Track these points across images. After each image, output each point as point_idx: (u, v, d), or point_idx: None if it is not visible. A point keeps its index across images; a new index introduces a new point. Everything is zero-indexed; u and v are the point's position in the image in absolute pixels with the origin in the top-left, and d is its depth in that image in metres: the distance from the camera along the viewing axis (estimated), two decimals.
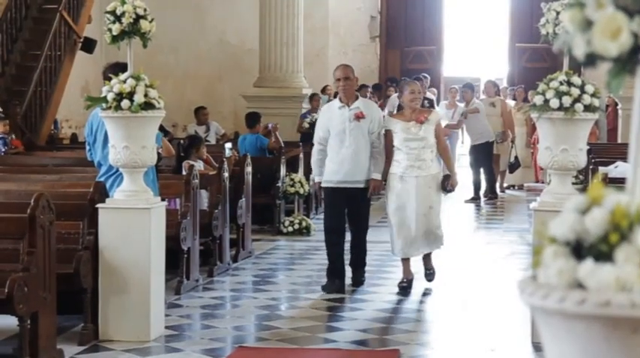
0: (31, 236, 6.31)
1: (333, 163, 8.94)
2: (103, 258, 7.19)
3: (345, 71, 9.10)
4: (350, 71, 9.12)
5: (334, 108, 9.10)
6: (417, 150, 8.76)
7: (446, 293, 9.17)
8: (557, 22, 7.21)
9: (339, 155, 8.89)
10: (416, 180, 8.73)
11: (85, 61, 16.77)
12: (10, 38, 15.60)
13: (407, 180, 8.74)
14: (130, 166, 7.16)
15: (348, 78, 9.03)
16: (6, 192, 7.90)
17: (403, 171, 8.76)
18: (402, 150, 8.80)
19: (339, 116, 8.95)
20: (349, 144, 8.86)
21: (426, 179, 8.75)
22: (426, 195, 8.73)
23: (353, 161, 8.85)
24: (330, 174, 8.95)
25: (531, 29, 17.03)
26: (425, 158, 8.78)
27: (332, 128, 8.96)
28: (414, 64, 21.75)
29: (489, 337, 7.43)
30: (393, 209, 8.81)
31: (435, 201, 8.83)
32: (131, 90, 6.95)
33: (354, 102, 8.99)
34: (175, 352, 6.92)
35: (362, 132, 8.89)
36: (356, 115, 8.88)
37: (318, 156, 9.10)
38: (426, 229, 8.75)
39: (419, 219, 8.70)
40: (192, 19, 19.89)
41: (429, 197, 8.76)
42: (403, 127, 8.82)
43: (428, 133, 8.81)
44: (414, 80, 9.41)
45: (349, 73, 9.08)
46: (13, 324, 6.30)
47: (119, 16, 7.01)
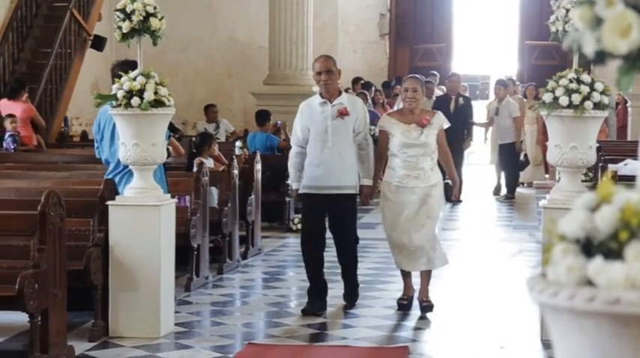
0: (42, 233, 6.33)
1: (314, 167, 7.89)
2: (113, 255, 7.21)
3: (326, 63, 8.00)
4: (332, 63, 8.03)
5: (314, 104, 8.01)
6: (415, 158, 7.78)
7: (455, 290, 9.17)
8: (566, 19, 7.20)
9: (321, 157, 7.84)
10: (413, 192, 7.77)
11: (95, 58, 16.81)
12: (21, 36, 15.64)
13: (402, 191, 7.78)
14: (140, 164, 7.18)
15: (330, 71, 7.95)
16: (17, 190, 7.93)
17: (399, 180, 7.80)
18: (398, 157, 7.83)
19: (320, 113, 7.92)
20: (332, 145, 7.84)
21: (424, 190, 7.78)
22: (424, 205, 7.77)
23: (337, 164, 7.83)
24: (310, 179, 7.91)
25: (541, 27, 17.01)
26: (424, 166, 7.80)
27: (312, 127, 7.94)
28: (424, 62, 21.73)
29: (499, 334, 7.43)
30: (389, 222, 7.86)
31: (435, 210, 7.86)
32: (141, 87, 6.96)
33: (337, 97, 7.97)
34: (185, 349, 6.94)
35: (346, 131, 7.90)
36: (339, 112, 7.87)
37: (296, 159, 8.04)
38: (425, 241, 7.80)
39: (416, 231, 7.76)
40: (203, 17, 19.91)
41: (429, 207, 7.79)
42: (402, 131, 7.82)
43: (429, 138, 7.83)
44: (414, 76, 8.37)
45: (331, 65, 7.99)
46: (23, 321, 6.33)
47: (129, 13, 7.03)
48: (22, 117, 13.27)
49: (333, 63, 8.04)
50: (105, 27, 16.59)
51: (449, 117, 14.66)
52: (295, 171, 8.04)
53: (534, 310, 7.14)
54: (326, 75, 7.92)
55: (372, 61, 21.46)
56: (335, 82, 8.03)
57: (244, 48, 20.00)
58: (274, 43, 16.38)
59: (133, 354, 6.76)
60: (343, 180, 7.85)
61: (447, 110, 14.79)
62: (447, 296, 8.92)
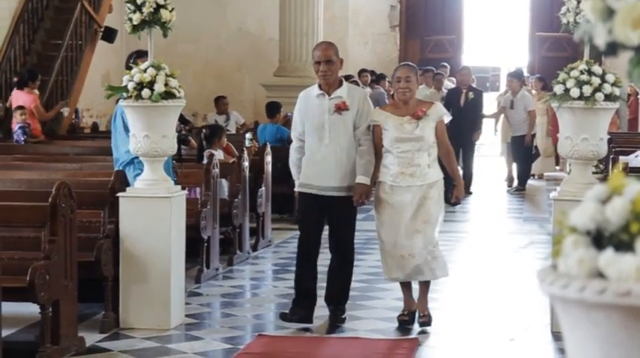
0: (53, 224, 6.35)
1: (310, 165, 7.25)
2: (123, 247, 7.23)
3: (326, 52, 7.25)
4: (333, 52, 7.27)
5: (311, 96, 7.30)
6: (409, 154, 7.06)
7: (465, 282, 9.17)
8: (578, 10, 7.18)
9: (317, 155, 7.21)
10: (409, 191, 7.04)
11: (106, 50, 16.82)
12: (32, 28, 15.67)
13: (397, 190, 7.07)
14: (151, 155, 7.19)
15: (330, 61, 7.19)
16: (28, 181, 7.95)
17: (393, 179, 7.08)
18: (391, 153, 7.12)
19: (317, 106, 7.23)
20: (329, 142, 7.16)
21: (421, 189, 7.05)
22: (421, 208, 7.05)
23: (333, 163, 7.15)
24: (306, 177, 7.26)
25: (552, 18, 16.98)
26: (420, 163, 7.06)
27: (308, 121, 7.25)
28: (434, 54, 21.69)
29: (509, 326, 7.43)
30: (384, 226, 7.14)
31: (432, 214, 7.08)
32: (152, 79, 6.97)
33: (336, 89, 7.24)
34: (195, 340, 6.95)
35: (345, 126, 7.17)
36: (337, 106, 7.16)
37: (296, 154, 7.37)
38: (421, 249, 7.07)
39: (412, 237, 7.04)
40: (213, 9, 19.90)
41: (426, 210, 7.05)
42: (395, 123, 7.12)
43: (426, 132, 7.09)
44: (407, 63, 7.68)
45: (332, 55, 7.24)
46: (34, 312, 6.35)
47: (140, 5, 7.03)
48: (30, 108, 13.32)
49: (335, 52, 7.29)
50: (115, 19, 16.60)
51: (460, 110, 14.75)
52: (296, 169, 7.37)
53: (545, 302, 7.13)
54: (325, 65, 7.18)
55: (382, 52, 21.43)
56: (335, 72, 7.26)
57: (254, 40, 19.99)
58: (284, 34, 16.38)
59: (144, 345, 6.78)
60: (341, 181, 7.16)
61: (457, 103, 14.72)
62: (456, 288, 8.92)
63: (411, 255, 7.02)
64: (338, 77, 7.31)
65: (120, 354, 6.59)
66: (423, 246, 7.04)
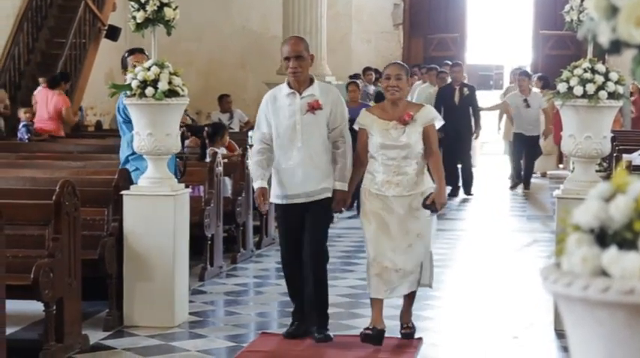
0: (57, 222, 6.36)
1: (282, 172, 6.69)
2: (127, 245, 7.24)
3: (295, 47, 6.69)
4: (303, 46, 6.72)
5: (281, 96, 6.73)
6: (396, 161, 6.53)
7: (469, 280, 9.17)
8: (581, 9, 7.18)
9: (289, 160, 6.64)
10: (396, 202, 6.53)
11: (110, 48, 16.83)
12: (36, 26, 15.70)
13: (384, 200, 6.55)
14: (155, 153, 7.20)
15: (301, 56, 6.65)
16: (32, 179, 7.96)
17: (378, 188, 6.56)
18: (376, 160, 6.60)
19: (288, 106, 6.66)
20: (302, 145, 6.62)
21: (408, 201, 6.53)
22: (413, 220, 6.55)
23: (308, 167, 6.62)
24: (279, 187, 6.72)
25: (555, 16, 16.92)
26: (407, 171, 6.54)
27: (278, 123, 6.67)
28: (438, 52, 21.67)
29: (512, 324, 7.43)
30: (370, 239, 6.57)
31: (424, 227, 6.57)
32: (155, 77, 6.98)
33: (308, 87, 6.69)
34: (199, 338, 6.96)
35: (319, 127, 6.64)
36: (310, 105, 6.62)
37: (260, 156, 6.70)
38: (412, 265, 6.58)
39: (402, 253, 6.54)
40: (216, 7, 19.91)
41: (416, 223, 6.55)
42: (380, 128, 6.57)
43: (412, 138, 6.54)
44: (397, 62, 7.03)
45: (302, 50, 6.68)
46: (38, 310, 6.36)
47: (143, 3, 7.04)
48: (52, 109, 13.54)
49: (305, 46, 6.75)
50: (119, 17, 16.62)
51: (454, 108, 14.62)
52: (258, 168, 6.70)
53: (548, 300, 7.13)
54: (295, 61, 6.63)
55: (385, 51, 21.41)
56: (306, 69, 6.69)
57: (258, 37, 19.99)
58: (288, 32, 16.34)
59: (148, 343, 6.79)
60: (318, 186, 6.65)
61: (451, 101, 14.54)
62: (460, 286, 8.92)
63: (398, 269, 6.52)
64: (308, 75, 6.75)
65: (124, 352, 6.59)
66: (415, 263, 6.57)
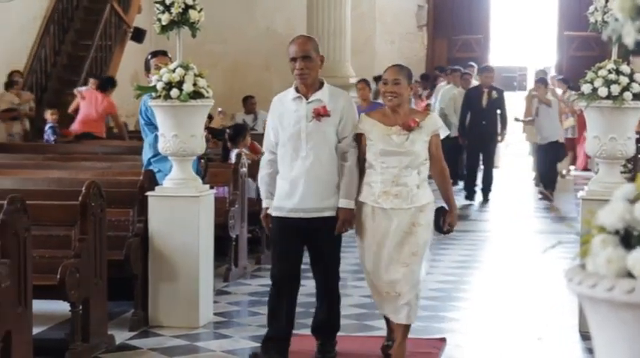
0: (83, 223, 6.40)
1: (284, 182, 6.14)
2: (152, 245, 7.27)
3: (303, 46, 6.13)
4: (311, 46, 6.17)
5: (287, 100, 6.20)
6: (395, 170, 5.95)
7: (493, 281, 9.15)
8: (606, 9, 7.15)
9: (293, 170, 6.09)
10: (394, 215, 5.96)
11: (135, 50, 16.90)
12: (62, 28, 15.80)
13: (380, 214, 5.99)
14: (179, 154, 7.23)
15: (308, 57, 6.10)
16: (58, 180, 8.02)
17: (375, 199, 6.00)
18: (375, 169, 6.03)
19: (293, 112, 6.12)
20: (307, 154, 6.05)
21: (408, 214, 5.96)
22: (409, 236, 5.96)
23: (311, 180, 6.04)
24: (281, 199, 6.14)
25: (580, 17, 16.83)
26: (407, 182, 5.96)
27: (283, 130, 6.13)
28: (461, 53, 21.63)
29: (536, 326, 7.41)
30: (364, 254, 6.11)
31: (421, 244, 5.99)
32: (180, 79, 7.01)
33: (316, 92, 6.13)
34: (224, 338, 6.98)
35: (325, 136, 6.06)
36: (316, 112, 6.04)
37: (267, 168, 6.25)
38: (407, 287, 6.00)
39: (397, 272, 5.99)
40: (241, 8, 19.96)
41: (415, 239, 5.96)
42: (381, 134, 6.03)
43: (417, 146, 5.98)
44: (397, 64, 6.37)
45: (310, 50, 6.13)
46: (65, 310, 6.40)
47: (168, 5, 7.08)
48: (101, 111, 13.81)
49: (314, 46, 6.18)
50: (145, 19, 16.69)
51: (482, 111, 14.50)
52: (265, 186, 6.25)
53: (573, 301, 7.11)
54: (302, 62, 6.08)
55: (409, 52, 21.39)
56: (314, 71, 6.13)
57: (282, 39, 19.94)
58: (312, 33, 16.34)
59: (173, 343, 6.82)
60: (323, 201, 6.07)
61: (478, 104, 14.35)
62: (484, 287, 8.91)
63: (396, 293, 6.00)
64: (318, 78, 6.19)
65: (149, 352, 6.63)
66: (409, 284, 5.99)
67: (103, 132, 13.99)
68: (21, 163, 9.64)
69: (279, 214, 6.15)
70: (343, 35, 16.18)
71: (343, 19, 16.20)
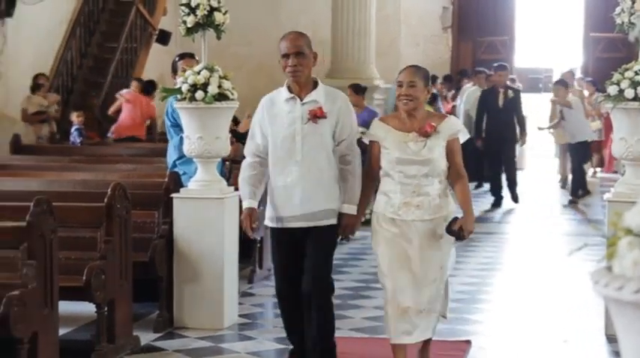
0: (108, 225, 6.44)
1: (277, 190, 5.72)
2: (177, 247, 7.30)
3: (295, 42, 5.70)
4: (304, 42, 5.72)
5: (279, 101, 5.79)
6: (415, 180, 5.55)
7: (518, 284, 9.12)
8: (632, 11, 7.12)
9: (287, 176, 5.67)
10: (415, 228, 5.55)
11: (160, 53, 16.98)
12: (88, 31, 15.89)
13: (401, 226, 5.57)
14: (204, 156, 7.26)
15: (301, 53, 5.67)
16: (83, 182, 8.06)
17: (394, 211, 5.57)
18: (392, 178, 5.62)
19: (287, 114, 5.71)
20: (302, 159, 5.64)
21: (430, 226, 5.56)
22: (433, 249, 5.57)
23: (308, 186, 5.64)
24: (276, 208, 5.74)
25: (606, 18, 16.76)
26: (429, 191, 5.56)
27: (275, 133, 5.70)
28: (487, 55, 21.59)
29: (562, 328, 7.38)
30: (386, 272, 5.60)
31: (447, 256, 5.64)
32: (205, 81, 7.04)
33: (311, 92, 5.73)
34: (248, 340, 7.00)
35: (322, 139, 5.65)
36: (312, 113, 5.64)
37: (250, 170, 5.79)
38: (435, 303, 5.64)
39: (425, 287, 5.57)
40: (266, 11, 20.00)
41: (439, 252, 5.59)
42: (397, 141, 5.61)
43: (435, 153, 5.59)
44: (413, 65, 5.86)
45: (303, 46, 5.69)
46: (90, 311, 6.44)
47: (194, 8, 7.10)
48: (146, 114, 14.03)
49: (306, 42, 5.74)
50: (170, 21, 16.76)
51: (498, 111, 14.30)
52: (247, 186, 5.78)
53: (599, 304, 7.08)
54: (295, 58, 5.66)
55: (433, 54, 21.37)
56: (308, 69, 5.72)
57: None
58: (337, 36, 16.40)
59: (197, 345, 6.84)
60: (320, 209, 5.66)
61: (495, 104, 14.01)
62: (509, 289, 8.88)
63: (420, 310, 5.58)
64: (312, 77, 5.80)
65: (174, 353, 6.65)
66: (436, 299, 5.64)
67: (144, 136, 14.15)
68: (47, 165, 9.70)
69: (275, 225, 5.76)
70: (368, 37, 16.17)
71: (368, 21, 16.19)
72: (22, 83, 13.68)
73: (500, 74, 14.47)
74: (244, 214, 5.80)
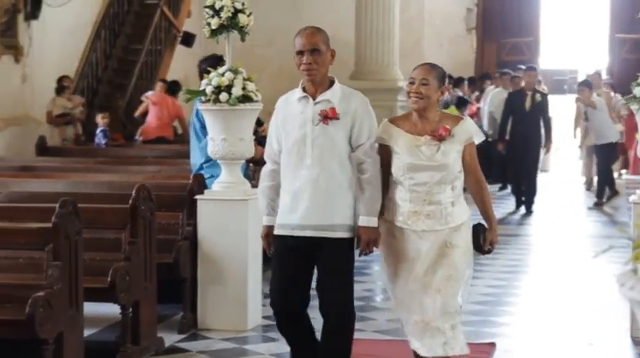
0: (133, 226, 6.46)
1: (286, 195, 5.28)
2: (201, 249, 7.32)
3: (311, 38, 5.24)
4: (320, 39, 5.27)
5: (293, 100, 5.33)
6: (427, 187, 5.15)
7: (543, 285, 9.09)
8: None
9: (296, 180, 5.23)
10: (425, 238, 5.17)
11: (185, 54, 17.04)
12: (113, 33, 15.97)
13: (410, 236, 5.19)
14: (228, 158, 7.27)
15: (317, 49, 5.22)
16: (108, 184, 8.10)
17: (404, 220, 5.20)
18: (402, 185, 5.21)
19: (298, 114, 5.26)
20: (312, 163, 5.19)
21: (442, 235, 5.17)
22: (442, 259, 5.16)
23: (316, 192, 5.17)
24: (283, 215, 5.28)
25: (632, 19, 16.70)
26: (441, 200, 5.16)
27: (287, 134, 5.28)
28: (511, 56, 21.53)
29: (587, 331, 7.34)
30: (392, 281, 5.33)
31: (458, 267, 5.19)
32: (229, 83, 7.05)
33: (325, 91, 5.26)
34: (272, 342, 7.00)
35: (334, 142, 5.19)
36: (323, 114, 5.17)
37: (268, 180, 5.39)
38: (440, 315, 5.18)
39: (428, 298, 5.18)
40: (289, 12, 20.03)
41: (449, 262, 5.16)
42: (409, 144, 5.19)
43: (450, 158, 5.17)
44: (427, 63, 5.39)
45: (319, 42, 5.25)
46: (115, 312, 6.46)
47: (218, 10, 7.12)
48: (174, 115, 14.13)
49: (323, 39, 5.29)
50: (194, 23, 16.81)
51: (524, 115, 14.08)
52: (267, 200, 5.37)
53: (624, 306, 7.04)
54: (310, 55, 5.21)
55: (458, 55, 21.32)
56: (324, 67, 5.27)
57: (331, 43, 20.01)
58: (361, 37, 16.39)
59: (222, 346, 6.86)
60: (330, 218, 5.19)
61: (522, 107, 13.67)
62: (534, 292, 8.85)
63: (426, 321, 5.21)
64: (328, 76, 5.34)
65: (198, 355, 6.67)
66: (441, 310, 5.17)
67: (172, 136, 14.24)
68: (72, 167, 9.75)
69: (280, 232, 5.27)
70: (392, 38, 16.15)
71: (392, 23, 16.17)
72: (47, 85, 13.77)
73: (529, 75, 14.16)
74: (263, 232, 5.42)
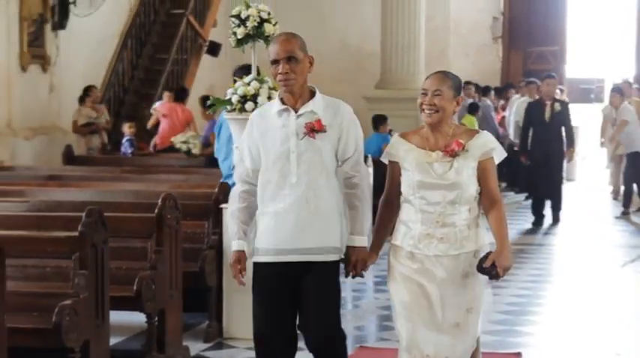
0: (159, 235, 6.48)
1: (267, 217, 4.82)
2: (227, 257, 7.31)
3: (286, 45, 4.83)
4: (296, 45, 4.86)
5: (271, 114, 4.88)
6: (440, 207, 4.67)
7: (569, 295, 9.04)
8: None
9: (279, 201, 4.78)
10: (439, 264, 4.66)
11: (211, 64, 17.09)
12: (139, 43, 16.05)
13: (422, 261, 4.68)
14: None
15: (293, 57, 4.81)
16: (134, 192, 8.12)
17: (414, 243, 4.71)
18: (412, 205, 4.76)
19: (280, 128, 4.82)
20: (297, 181, 4.76)
21: (458, 261, 4.66)
22: (461, 289, 4.66)
23: (304, 213, 4.76)
24: (264, 239, 4.84)
25: None
26: (455, 221, 4.67)
27: (266, 151, 4.82)
28: (537, 65, 21.46)
29: (614, 341, 7.30)
30: (402, 313, 4.73)
31: (476, 299, 4.70)
32: (255, 92, 7.06)
33: (307, 102, 4.86)
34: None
35: (321, 157, 4.79)
36: (309, 127, 4.77)
37: (241, 202, 4.89)
38: (459, 353, 4.68)
39: (446, 333, 4.66)
40: (315, 22, 20.04)
41: (469, 292, 4.67)
42: (419, 161, 4.73)
43: (464, 176, 4.68)
44: (441, 71, 4.92)
45: (295, 49, 4.83)
46: (141, 321, 6.48)
47: (244, 19, 7.13)
48: (184, 122, 14.20)
49: (300, 45, 4.88)
50: (220, 33, 16.86)
51: (544, 126, 13.78)
52: (238, 223, 4.88)
53: None
54: (286, 64, 4.78)
55: (483, 64, 21.28)
56: (302, 76, 4.85)
57: (356, 53, 20.05)
58: (386, 47, 16.39)
59: (247, 355, 6.85)
60: (320, 240, 4.79)
61: (541, 117, 13.27)
62: (559, 301, 8.80)
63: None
64: (308, 86, 4.92)
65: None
66: (461, 349, 4.69)
67: None
68: (99, 176, 9.80)
69: (262, 259, 4.86)
70: (417, 48, 16.15)
71: (417, 32, 16.17)
72: (74, 94, 13.85)
73: (548, 83, 13.67)
74: (233, 258, 4.92)
